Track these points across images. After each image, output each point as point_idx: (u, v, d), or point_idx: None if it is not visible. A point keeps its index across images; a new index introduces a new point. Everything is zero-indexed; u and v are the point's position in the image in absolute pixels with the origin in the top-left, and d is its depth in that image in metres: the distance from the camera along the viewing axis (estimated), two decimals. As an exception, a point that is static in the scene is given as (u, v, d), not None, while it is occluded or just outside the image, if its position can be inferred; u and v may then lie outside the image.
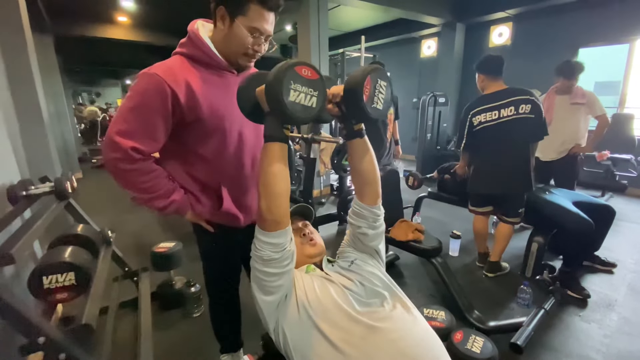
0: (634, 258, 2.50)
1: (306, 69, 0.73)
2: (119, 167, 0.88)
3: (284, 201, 0.79)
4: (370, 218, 0.94)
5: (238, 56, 0.97)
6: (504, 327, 1.61)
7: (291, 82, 0.71)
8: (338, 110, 0.86)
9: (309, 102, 0.74)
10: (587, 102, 2.59)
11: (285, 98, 0.71)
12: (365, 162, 0.90)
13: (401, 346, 0.69)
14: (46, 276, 1.08)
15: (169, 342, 1.67)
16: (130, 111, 0.88)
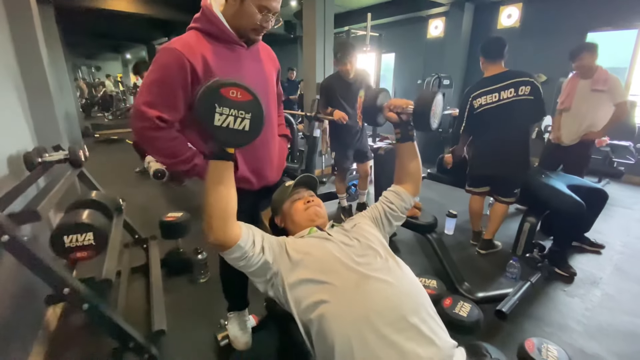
0: (623, 241, 2.60)
1: (234, 90, 0.69)
2: (147, 134, 0.96)
3: (224, 223, 0.81)
4: (407, 202, 1.08)
5: (247, 31, 1.03)
6: (492, 298, 1.72)
7: (216, 105, 0.68)
8: (397, 117, 1.03)
9: (240, 125, 0.71)
10: (608, 88, 2.46)
11: (210, 124, 0.69)
12: (414, 162, 1.08)
13: (388, 293, 0.78)
14: (67, 236, 1.17)
15: (177, 304, 1.78)
16: (153, 83, 0.95)
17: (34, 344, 1.39)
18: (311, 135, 3.32)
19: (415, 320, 0.73)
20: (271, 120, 1.23)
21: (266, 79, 1.18)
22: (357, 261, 0.85)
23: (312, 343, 0.82)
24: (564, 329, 1.65)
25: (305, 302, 0.80)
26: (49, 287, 1.03)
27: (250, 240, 0.86)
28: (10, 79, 1.76)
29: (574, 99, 2.62)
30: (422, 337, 0.72)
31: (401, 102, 1.02)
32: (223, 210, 0.81)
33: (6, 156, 1.45)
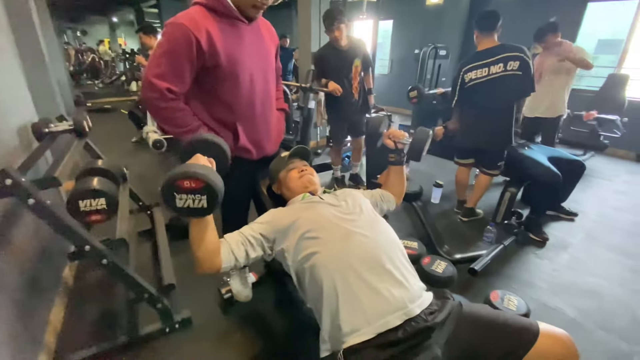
0: (598, 210, 2.78)
1: (189, 182, 0.78)
2: (157, 104, 1.05)
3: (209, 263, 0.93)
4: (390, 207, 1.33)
5: (247, 7, 1.08)
6: (468, 258, 1.90)
7: (174, 194, 0.79)
8: (393, 145, 1.26)
9: (198, 204, 0.82)
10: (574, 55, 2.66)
11: (174, 206, 0.81)
12: (400, 181, 1.35)
13: (368, 246, 0.92)
14: (82, 200, 1.28)
15: (183, 264, 1.93)
16: (162, 56, 1.02)
17: (56, 298, 1.55)
18: (306, 107, 3.36)
19: (389, 266, 0.88)
20: (270, 95, 1.31)
21: (266, 54, 1.24)
22: (343, 218, 0.99)
23: (304, 290, 0.97)
24: (531, 286, 1.84)
25: (300, 255, 0.94)
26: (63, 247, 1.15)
27: (230, 260, 0.97)
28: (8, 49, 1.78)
29: (543, 75, 2.85)
30: (394, 280, 0.86)
31: (399, 133, 1.26)
32: (207, 257, 0.93)
33: (16, 127, 1.53)
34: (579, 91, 4.58)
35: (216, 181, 0.83)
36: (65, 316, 1.53)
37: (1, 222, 1.21)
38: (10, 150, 1.42)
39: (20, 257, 1.32)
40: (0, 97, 1.46)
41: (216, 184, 0.82)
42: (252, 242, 1.00)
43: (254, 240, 1.00)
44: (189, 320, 1.49)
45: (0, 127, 1.40)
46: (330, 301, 0.85)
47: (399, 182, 1.34)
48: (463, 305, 0.92)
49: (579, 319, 1.62)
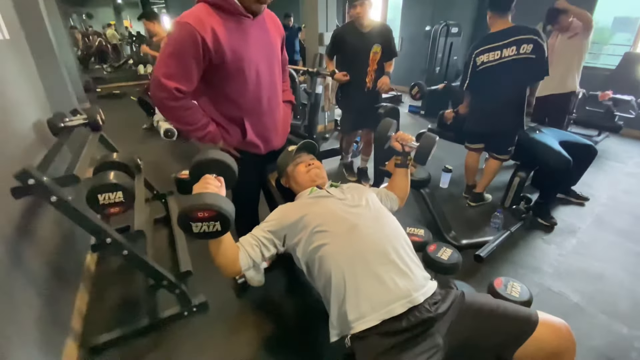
0: (608, 194, 2.75)
1: (202, 212, 0.84)
2: (166, 104, 1.08)
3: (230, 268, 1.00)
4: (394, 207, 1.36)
5: (251, 3, 1.08)
6: (474, 244, 1.93)
7: (190, 223, 0.85)
8: (401, 148, 1.31)
9: (213, 229, 0.88)
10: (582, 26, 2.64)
11: (191, 233, 0.87)
12: (405, 182, 1.39)
13: (374, 237, 0.96)
14: (101, 194, 1.34)
15: (197, 251, 2.00)
16: (170, 56, 1.04)
17: (80, 284, 1.66)
18: (314, 92, 3.34)
19: (394, 257, 0.92)
20: (276, 89, 1.32)
21: (272, 47, 1.25)
22: (350, 211, 1.03)
23: (313, 279, 1.03)
24: (537, 271, 1.88)
25: (309, 247, 0.99)
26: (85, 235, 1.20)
27: (249, 263, 1.03)
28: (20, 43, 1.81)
29: (554, 54, 2.76)
30: (398, 271, 0.91)
31: (406, 137, 1.31)
32: (228, 265, 1.00)
33: (32, 123, 1.58)
34: (595, 69, 4.42)
35: (226, 207, 0.88)
36: (89, 301, 1.64)
37: (26, 216, 1.28)
38: (28, 146, 1.48)
39: (44, 247, 1.41)
40: (16, 94, 1.51)
41: (226, 210, 0.88)
42: (265, 242, 1.06)
43: (266, 241, 1.06)
44: (205, 305, 1.57)
45: (18, 124, 1.46)
46: (338, 291, 0.91)
47: (403, 184, 1.38)
48: (465, 295, 0.96)
49: (582, 304, 1.65)
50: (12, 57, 1.58)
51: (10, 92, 1.44)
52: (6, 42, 1.57)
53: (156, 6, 13.50)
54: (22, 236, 1.22)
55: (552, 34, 2.84)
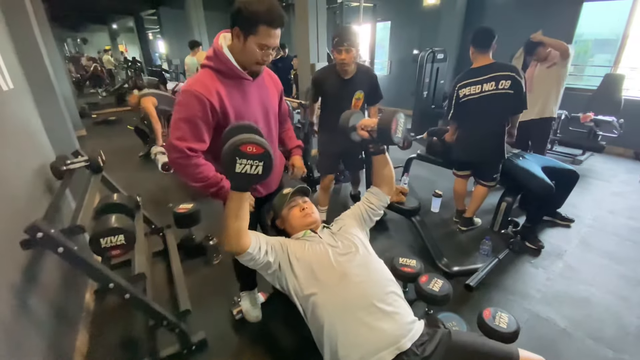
0: (594, 214, 2.85)
1: (252, 147, 0.88)
2: (180, 162, 1.15)
3: (236, 237, 1.02)
4: (382, 200, 1.35)
5: (251, 65, 1.18)
6: (465, 271, 2.00)
7: (237, 158, 0.88)
8: (368, 135, 1.22)
9: (254, 170, 0.91)
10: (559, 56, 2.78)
11: (232, 171, 0.90)
12: (387, 170, 1.33)
13: (363, 286, 1.03)
14: (103, 239, 1.39)
15: (195, 284, 2.05)
16: (181, 121, 1.13)
17: (80, 324, 1.68)
18: (307, 122, 3.46)
19: (383, 305, 0.99)
20: (273, 140, 1.43)
21: (269, 103, 1.35)
22: (340, 260, 1.09)
23: (307, 322, 1.09)
24: (525, 296, 1.94)
25: (301, 293, 1.06)
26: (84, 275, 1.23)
27: (257, 247, 1.09)
28: (22, 91, 1.89)
29: (533, 83, 2.93)
30: (387, 317, 0.97)
31: (370, 121, 1.23)
32: (238, 230, 1.03)
33: (36, 168, 1.64)
34: (577, 90, 4.62)
35: (271, 151, 0.92)
36: (89, 341, 1.66)
37: (31, 262, 1.33)
38: (33, 192, 1.54)
39: (47, 290, 1.45)
40: (21, 142, 1.58)
41: (271, 153, 0.91)
42: (270, 246, 1.13)
43: (270, 246, 1.13)
44: (204, 342, 1.60)
45: (23, 171, 1.52)
46: (330, 339, 0.97)
47: (387, 172, 1.32)
48: (452, 334, 1.02)
49: (569, 329, 1.71)
50: (17, 106, 1.66)
51: (15, 141, 1.51)
52: (10, 92, 1.64)
53: (151, 31, 13.84)
54: (27, 282, 1.26)
55: (531, 63, 3.00)
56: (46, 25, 5.26)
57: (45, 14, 5.30)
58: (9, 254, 1.17)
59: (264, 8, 1.04)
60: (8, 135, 1.45)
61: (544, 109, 2.92)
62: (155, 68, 11.40)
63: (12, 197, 1.33)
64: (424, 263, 1.84)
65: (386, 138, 1.18)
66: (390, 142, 1.20)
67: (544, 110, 2.92)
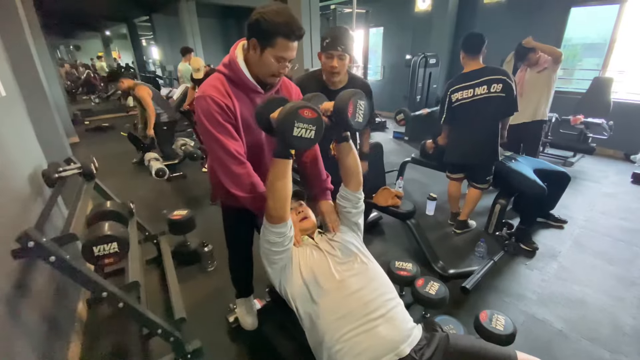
0: (586, 215, 2.89)
1: (308, 111, 0.93)
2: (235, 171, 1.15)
3: (285, 203, 1.05)
4: (354, 200, 1.26)
5: (266, 77, 1.16)
6: (461, 274, 2.00)
7: (295, 121, 0.92)
8: (329, 121, 1.12)
9: (309, 134, 0.95)
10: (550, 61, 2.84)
11: (290, 134, 0.93)
12: (350, 159, 1.21)
13: (362, 294, 1.02)
14: (96, 247, 1.37)
15: (190, 292, 2.03)
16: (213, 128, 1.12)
17: (72, 335, 1.64)
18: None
19: (381, 312, 0.98)
20: None
21: None
22: (339, 269, 1.08)
23: (305, 330, 1.07)
24: (521, 298, 1.95)
25: (299, 300, 1.05)
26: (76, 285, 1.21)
27: (290, 225, 1.10)
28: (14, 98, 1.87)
29: (524, 87, 2.98)
30: (386, 324, 0.96)
31: (329, 105, 1.13)
32: (286, 194, 1.05)
33: (27, 175, 1.62)
34: (566, 94, 4.70)
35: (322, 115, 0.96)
36: (82, 352, 1.62)
37: (23, 272, 1.30)
38: (24, 200, 1.51)
39: (39, 301, 1.42)
40: (12, 149, 1.55)
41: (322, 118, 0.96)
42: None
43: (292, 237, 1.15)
44: (200, 351, 1.58)
45: (14, 179, 1.49)
46: (328, 348, 0.96)
47: (352, 163, 1.21)
48: (450, 337, 1.02)
49: (565, 330, 1.72)
50: (8, 113, 1.64)
51: (6, 148, 1.49)
52: (2, 100, 1.63)
53: (144, 38, 13.82)
54: (19, 293, 1.23)
55: (521, 67, 3.05)
56: (39, 33, 5.23)
57: (37, 22, 5.28)
58: (0, 263, 1.14)
59: (282, 20, 1.03)
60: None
61: (535, 112, 2.97)
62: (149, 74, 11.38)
63: (3, 204, 1.31)
64: (420, 266, 1.84)
65: (343, 122, 1.08)
66: (348, 127, 1.11)
67: (535, 113, 2.97)
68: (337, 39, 1.62)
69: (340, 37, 1.63)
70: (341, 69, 1.68)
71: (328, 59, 1.66)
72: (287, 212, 1.08)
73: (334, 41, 1.63)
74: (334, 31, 1.67)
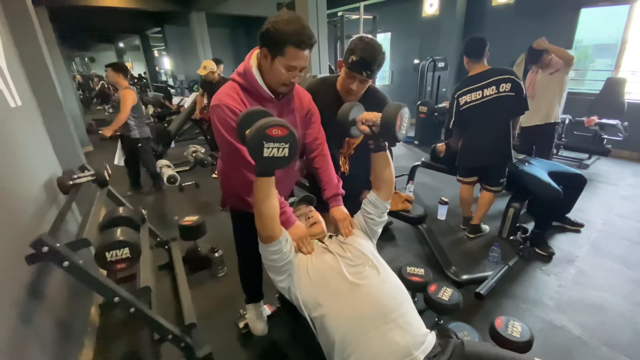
0: (603, 218, 2.80)
1: (277, 129, 0.88)
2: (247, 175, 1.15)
3: (272, 222, 1.04)
4: (382, 209, 1.26)
5: (277, 85, 1.17)
6: (475, 280, 1.96)
7: (264, 142, 0.88)
8: (369, 130, 1.13)
9: (281, 153, 0.91)
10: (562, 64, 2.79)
11: (260, 156, 0.90)
12: (386, 169, 1.22)
13: (374, 297, 1.00)
14: (108, 252, 1.39)
15: (201, 297, 2.03)
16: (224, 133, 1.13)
17: (85, 339, 1.66)
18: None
19: (394, 316, 0.96)
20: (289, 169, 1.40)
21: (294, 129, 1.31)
22: (350, 271, 1.06)
23: (317, 335, 1.06)
24: (538, 304, 1.89)
25: (310, 304, 1.03)
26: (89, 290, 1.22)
27: (285, 239, 1.09)
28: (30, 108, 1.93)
29: (536, 89, 2.93)
30: (399, 329, 0.94)
31: (372, 115, 1.13)
32: (272, 213, 1.04)
33: (42, 183, 1.66)
34: (579, 95, 4.61)
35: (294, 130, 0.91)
36: (94, 356, 1.64)
37: (36, 276, 1.32)
38: (39, 207, 1.55)
39: (53, 306, 1.44)
40: (27, 158, 1.60)
41: (295, 132, 0.91)
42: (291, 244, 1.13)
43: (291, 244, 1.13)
44: (210, 356, 1.56)
45: (29, 187, 1.53)
46: (341, 353, 0.94)
47: (386, 173, 1.22)
48: (465, 344, 0.99)
49: (584, 337, 1.66)
50: (24, 122, 1.69)
51: (22, 157, 1.53)
52: (18, 109, 1.68)
53: (156, 48, 14.16)
54: (32, 297, 1.25)
55: (532, 69, 3.01)
56: (54, 45, 5.42)
57: (53, 35, 5.47)
58: (15, 268, 1.17)
59: (292, 29, 1.03)
60: (15, 150, 1.47)
61: (548, 115, 2.91)
62: (161, 84, 11.63)
63: (19, 211, 1.34)
64: (432, 272, 1.80)
65: (390, 134, 1.07)
66: (394, 139, 1.09)
67: (548, 115, 2.91)
68: (365, 63, 1.36)
69: (370, 60, 1.36)
70: (359, 91, 1.49)
71: (349, 78, 1.44)
72: (276, 230, 1.06)
73: (361, 64, 1.37)
74: (365, 51, 1.36)
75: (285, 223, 1.20)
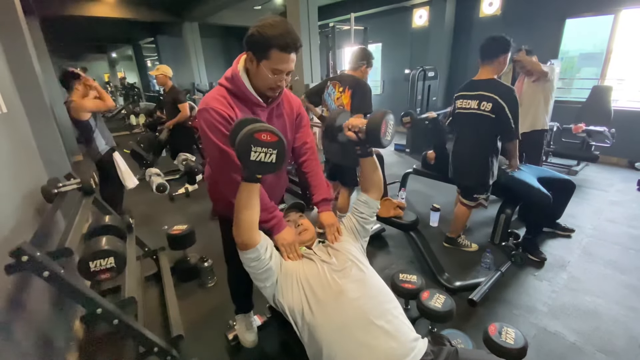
0: (593, 224, 2.83)
1: (266, 134, 0.89)
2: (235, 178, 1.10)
3: (249, 231, 1.03)
4: (373, 208, 1.29)
5: (265, 90, 1.16)
6: (467, 286, 1.94)
7: (252, 145, 0.89)
8: (355, 136, 1.15)
9: (269, 159, 0.92)
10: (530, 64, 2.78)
11: (247, 159, 0.90)
12: (376, 173, 1.27)
13: (360, 303, 0.98)
14: (92, 261, 1.35)
15: (189, 308, 1.98)
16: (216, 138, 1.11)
17: (67, 354, 1.59)
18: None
19: (381, 322, 0.93)
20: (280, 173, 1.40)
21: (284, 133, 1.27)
22: (334, 277, 1.05)
23: (304, 343, 1.03)
24: (531, 310, 1.88)
25: (297, 312, 1.01)
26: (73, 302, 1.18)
27: (264, 247, 1.07)
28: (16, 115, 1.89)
29: (522, 97, 2.93)
30: (386, 335, 0.92)
31: (358, 121, 1.16)
32: (251, 221, 1.03)
33: (27, 191, 1.61)
34: (567, 103, 4.71)
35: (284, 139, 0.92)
36: (77, 372, 1.57)
37: (16, 290, 1.27)
38: (22, 215, 1.50)
39: (34, 320, 1.38)
40: (11, 166, 1.55)
41: (284, 141, 0.91)
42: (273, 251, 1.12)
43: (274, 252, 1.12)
44: (198, 370, 1.52)
45: (12, 192, 1.48)
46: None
47: (375, 176, 1.27)
48: (459, 352, 0.97)
49: (579, 343, 1.64)
50: (9, 130, 1.65)
51: (6, 165, 1.49)
52: (3, 116, 1.64)
53: (149, 59, 14.17)
54: (12, 309, 1.20)
55: (519, 77, 3.06)
56: (45, 54, 5.39)
57: (44, 43, 5.44)
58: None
59: (277, 32, 1.02)
60: (-2, 158, 1.43)
61: (534, 122, 2.95)
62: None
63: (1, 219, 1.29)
64: (425, 278, 1.78)
65: (375, 140, 1.11)
66: (379, 145, 1.12)
67: (534, 123, 2.95)
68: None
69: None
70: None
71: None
72: (252, 239, 1.05)
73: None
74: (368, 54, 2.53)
75: (275, 227, 1.19)
